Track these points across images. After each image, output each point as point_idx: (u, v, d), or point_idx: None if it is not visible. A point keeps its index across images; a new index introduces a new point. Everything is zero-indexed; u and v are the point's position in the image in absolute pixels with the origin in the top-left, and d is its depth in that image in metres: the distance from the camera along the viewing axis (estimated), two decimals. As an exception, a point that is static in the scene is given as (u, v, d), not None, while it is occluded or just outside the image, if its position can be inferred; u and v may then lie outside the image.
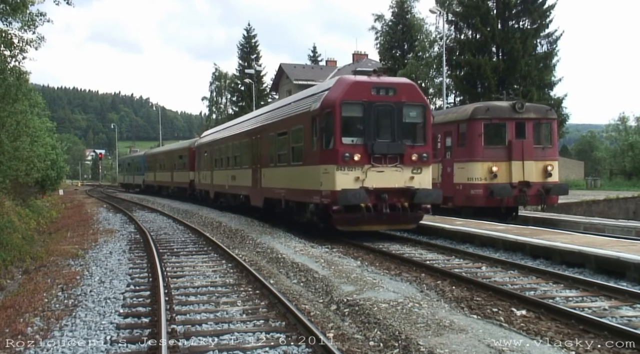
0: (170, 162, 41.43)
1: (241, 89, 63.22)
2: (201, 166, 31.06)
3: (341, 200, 13.81)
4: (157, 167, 46.80)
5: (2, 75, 16.50)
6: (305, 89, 20.79)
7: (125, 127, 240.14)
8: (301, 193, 16.07)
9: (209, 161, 28.82)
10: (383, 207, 14.17)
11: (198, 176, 31.92)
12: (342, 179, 14.12)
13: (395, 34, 50.80)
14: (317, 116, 14.83)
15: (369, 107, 14.45)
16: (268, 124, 19.57)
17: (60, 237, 19.56)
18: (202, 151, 31.06)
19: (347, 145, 14.29)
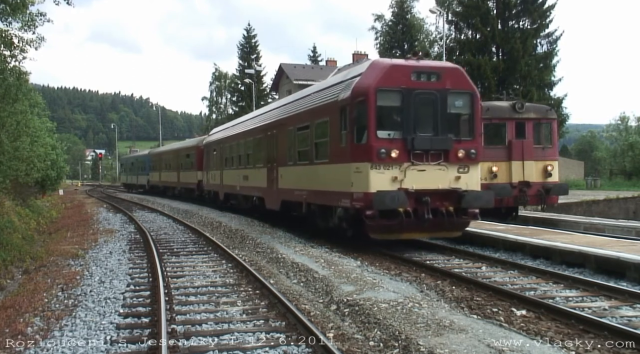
0: (176, 162, 39.49)
1: (241, 89, 63.23)
2: (210, 166, 29.20)
3: (377, 204, 11.98)
4: (162, 167, 44.75)
5: (2, 75, 16.50)
6: (331, 76, 19.32)
7: (125, 127, 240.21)
8: (327, 195, 14.26)
9: (219, 160, 27.09)
10: (425, 212, 12.32)
11: (206, 176, 30.08)
12: (377, 179, 12.29)
13: (395, 34, 50.85)
14: (347, 105, 12.96)
15: (409, 95, 12.53)
16: (286, 117, 17.66)
17: (60, 237, 19.56)
18: (210, 150, 29.22)
19: (382, 140, 12.41)
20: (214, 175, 28.01)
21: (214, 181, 28.00)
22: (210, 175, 29.14)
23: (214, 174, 28.23)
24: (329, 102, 14.17)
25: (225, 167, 25.57)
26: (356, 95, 12.72)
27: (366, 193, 12.27)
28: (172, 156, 41.46)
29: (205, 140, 31.68)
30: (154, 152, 51.69)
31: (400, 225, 12.32)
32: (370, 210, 12.20)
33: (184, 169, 37.09)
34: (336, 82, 14.79)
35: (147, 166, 50.76)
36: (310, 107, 15.64)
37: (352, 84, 13.05)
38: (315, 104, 15.34)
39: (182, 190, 37.90)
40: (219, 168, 26.80)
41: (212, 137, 30.12)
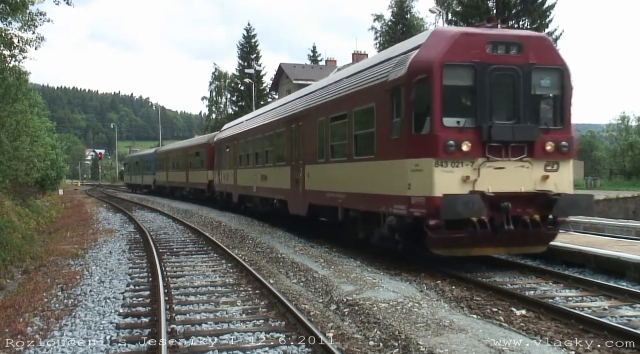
0: (185, 161, 36.83)
1: (241, 89, 63.22)
2: (222, 165, 26.77)
3: (446, 212, 9.46)
4: (170, 167, 41.96)
5: (2, 75, 16.51)
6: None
7: (125, 127, 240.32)
8: (372, 200, 11.73)
9: (232, 158, 24.67)
10: (504, 221, 9.78)
11: (218, 176, 27.63)
12: (444, 179, 9.76)
13: (395, 34, 50.82)
14: (402, 86, 10.40)
15: (483, 71, 9.98)
16: (315, 106, 15.12)
17: (60, 237, 19.56)
18: (223, 147, 26.71)
19: (451, 129, 9.86)
20: (227, 175, 25.78)
21: (227, 181, 25.78)
22: (222, 175, 26.81)
23: (226, 174, 25.92)
24: (375, 85, 11.58)
25: (240, 166, 23.18)
26: (415, 72, 10.15)
27: (430, 198, 9.75)
28: (180, 154, 38.75)
29: (217, 137, 29.07)
30: (161, 150, 48.33)
31: (473, 238, 9.87)
32: (434, 219, 9.70)
33: (193, 168, 34.61)
34: (381, 60, 12.25)
35: (154, 165, 48.02)
36: (347, 93, 13.07)
37: (409, 59, 10.44)
38: (354, 88, 12.77)
39: (192, 191, 35.56)
40: (233, 167, 24.50)
41: (225, 133, 27.57)
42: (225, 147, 26.27)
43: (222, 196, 27.28)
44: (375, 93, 11.61)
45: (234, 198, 24.50)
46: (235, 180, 24.11)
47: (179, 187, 39.02)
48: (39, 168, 28.40)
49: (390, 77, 10.91)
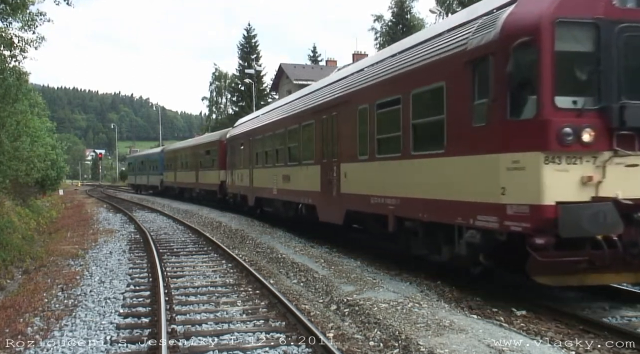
0: (194, 159, 34.35)
1: (241, 89, 63.20)
2: (235, 163, 24.37)
3: (567, 227, 7.04)
4: (178, 166, 39.22)
5: (2, 75, 16.51)
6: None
7: (125, 127, 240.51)
8: (441, 208, 9.11)
9: (247, 156, 22.16)
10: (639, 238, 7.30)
11: (231, 175, 25.25)
12: (558, 181, 7.20)
13: (395, 34, 50.82)
14: (492, 55, 7.88)
15: (609, 31, 7.33)
16: (354, 91, 12.45)
17: (60, 237, 19.56)
18: (236, 144, 24.23)
19: (566, 111, 7.29)
20: (241, 175, 23.19)
21: (241, 182, 23.19)
22: (236, 175, 24.28)
23: (240, 173, 23.37)
24: (445, 57, 9.03)
25: (257, 165, 20.60)
26: (513, 34, 7.56)
27: (537, 206, 7.19)
28: (189, 153, 36.22)
29: (230, 133, 26.68)
30: (169, 149, 45.14)
31: (595, 261, 7.28)
32: (544, 236, 7.17)
33: (203, 167, 32.10)
34: (451, 26, 9.58)
35: (161, 164, 45.20)
36: (401, 71, 10.43)
37: (500, 17, 7.91)
38: (411, 63, 10.10)
39: (202, 192, 32.95)
40: (248, 166, 21.97)
41: (238, 129, 25.16)
42: (239, 145, 23.77)
43: (236, 198, 24.91)
44: (445, 68, 9.01)
45: (249, 201, 22.00)
46: (250, 180, 21.63)
47: (187, 188, 36.65)
48: (39, 168, 28.39)
49: (471, 45, 8.33)
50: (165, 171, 43.44)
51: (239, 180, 23.74)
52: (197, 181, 33.43)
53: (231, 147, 25.51)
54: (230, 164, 25.60)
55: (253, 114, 25.97)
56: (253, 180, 21.33)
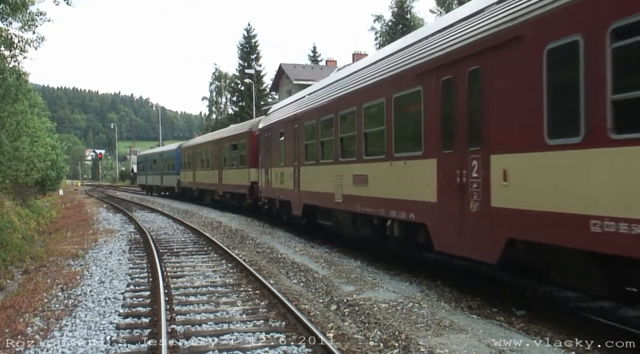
0: (217, 156, 28.94)
1: (241, 89, 63.20)
2: (272, 159, 19.10)
3: None
4: (197, 164, 33.71)
5: (2, 75, 16.52)
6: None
7: (125, 127, 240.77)
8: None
9: (291, 150, 16.80)
10: None
11: (265, 175, 20.01)
12: None
13: (396, 34, 50.84)
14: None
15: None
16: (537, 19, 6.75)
17: (60, 237, 19.56)
18: (273, 135, 19.06)
19: None
20: (280, 175, 17.98)
21: (281, 183, 17.93)
22: (272, 174, 19.01)
23: (279, 172, 18.16)
24: None
25: (307, 160, 15.36)
26: None
27: None
28: (211, 148, 30.68)
29: (264, 121, 21.16)
30: (187, 145, 38.85)
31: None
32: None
33: (229, 166, 26.83)
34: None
35: (177, 163, 39.49)
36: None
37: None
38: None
39: (227, 196, 27.37)
40: (292, 163, 16.66)
41: (276, 115, 19.62)
42: (277, 135, 18.56)
43: (272, 205, 19.61)
44: None
45: (293, 209, 16.68)
46: (296, 182, 16.26)
47: (208, 190, 31.26)
48: (39, 168, 28.43)
49: None
50: (183, 170, 37.82)
51: (277, 181, 18.35)
52: (220, 181, 28.03)
53: (265, 139, 20.22)
54: (264, 160, 20.33)
55: (297, 95, 19.15)
56: (300, 181, 15.88)
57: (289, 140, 17.18)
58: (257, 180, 21.76)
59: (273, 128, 19.13)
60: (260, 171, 21.02)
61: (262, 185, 20.58)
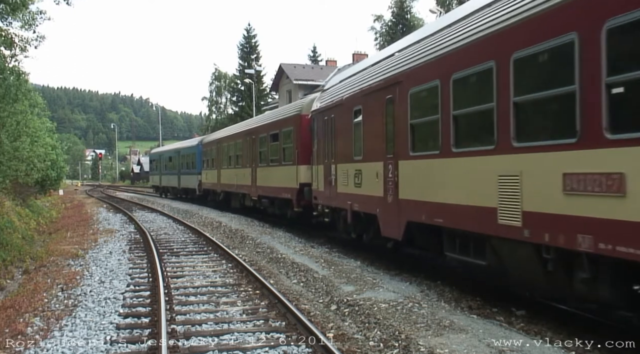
0: (250, 151, 22.56)
1: (241, 89, 63.22)
2: (339, 151, 13.52)
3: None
4: (222, 162, 27.78)
5: (2, 75, 16.52)
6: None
7: (125, 127, 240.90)
8: None
9: (377, 135, 11.22)
10: None
11: (324, 175, 14.48)
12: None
13: (395, 34, 50.82)
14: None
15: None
16: None
17: (60, 237, 19.56)
18: (339, 116, 13.48)
19: None
20: (357, 174, 12.30)
21: (357, 187, 12.29)
22: (340, 174, 13.36)
23: (353, 171, 12.50)
24: None
25: (414, 151, 9.72)
26: None
27: None
28: (242, 140, 24.21)
29: (320, 100, 15.40)
30: (210, 139, 32.57)
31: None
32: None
33: (266, 162, 20.40)
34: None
35: (198, 160, 33.60)
36: None
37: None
38: None
39: (264, 201, 20.74)
40: (380, 156, 11.01)
41: (341, 88, 13.92)
42: (347, 115, 12.75)
43: (337, 217, 14.00)
44: None
45: (382, 227, 10.96)
46: (391, 186, 10.52)
47: (237, 194, 24.95)
48: (39, 168, 28.41)
49: None
50: (205, 168, 31.89)
51: (348, 183, 12.70)
52: (254, 182, 21.72)
53: (324, 123, 14.44)
54: (322, 153, 14.66)
55: (384, 52, 13.09)
56: (400, 184, 10.10)
57: (373, 120, 11.26)
58: (309, 181, 16.12)
59: (340, 106, 13.25)
60: (315, 169, 15.40)
61: (319, 188, 14.94)
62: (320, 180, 14.95)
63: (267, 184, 20.25)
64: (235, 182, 24.79)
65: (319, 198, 15.14)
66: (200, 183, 32.73)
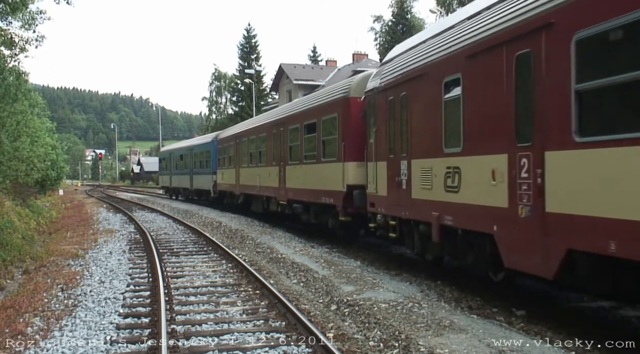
0: (277, 145, 18.93)
1: (241, 89, 63.22)
2: (414, 142, 10.03)
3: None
4: (242, 159, 24.20)
5: (2, 75, 16.52)
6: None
7: (125, 127, 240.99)
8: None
9: (497, 113, 7.53)
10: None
11: (390, 175, 11.01)
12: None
13: (395, 34, 50.84)
14: None
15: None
16: None
17: (60, 237, 19.56)
18: (415, 93, 9.96)
19: None
20: (450, 173, 8.76)
21: (453, 191, 8.64)
22: (417, 173, 9.91)
23: (430, 169, 9.43)
24: None
25: (586, 131, 5.95)
26: None
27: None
28: (266, 134, 20.43)
29: (379, 77, 11.88)
30: (227, 134, 28.75)
31: None
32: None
33: (299, 159, 16.78)
34: None
35: (213, 158, 30.29)
36: None
37: None
38: None
39: (297, 207, 16.90)
40: (503, 146, 7.40)
41: (415, 54, 10.27)
42: (432, 85, 9.34)
43: (408, 232, 10.79)
44: None
45: (507, 255, 7.43)
46: (537, 191, 6.68)
47: (261, 196, 21.23)
48: (39, 168, 28.40)
49: None
50: (221, 167, 28.72)
51: (432, 185, 9.37)
52: (282, 184, 18.17)
53: (390, 106, 11.00)
54: (384, 146, 11.34)
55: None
56: (552, 188, 6.47)
57: (486, 91, 7.88)
58: (360, 182, 12.87)
59: (418, 79, 9.77)
60: (372, 167, 11.91)
61: (378, 192, 11.59)
62: (380, 181, 11.44)
63: (300, 186, 16.55)
64: (258, 183, 21.17)
65: (379, 205, 11.60)
66: (216, 184, 29.44)
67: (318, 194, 14.94)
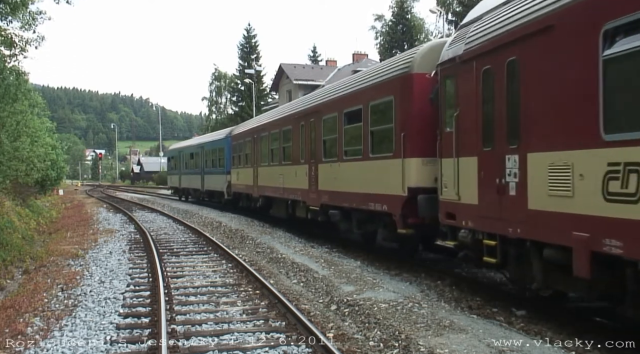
0: (306, 139, 15.92)
1: (241, 89, 63.22)
2: (517, 127, 7.27)
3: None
4: (261, 157, 21.14)
5: (2, 75, 16.52)
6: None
7: (125, 127, 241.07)
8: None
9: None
10: None
11: (477, 170, 8.20)
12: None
13: (396, 34, 50.87)
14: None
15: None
16: None
17: (60, 237, 19.56)
18: (512, 64, 7.35)
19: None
20: (606, 171, 5.71)
21: (600, 199, 5.78)
22: (540, 172, 6.81)
23: (569, 166, 6.27)
24: None
25: None
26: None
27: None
28: (292, 127, 17.36)
29: (460, 39, 8.87)
30: (243, 129, 25.41)
31: None
32: None
33: (336, 155, 13.77)
34: None
35: (227, 157, 27.45)
36: None
37: None
38: None
39: (334, 214, 13.81)
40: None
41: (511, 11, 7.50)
42: (572, 43, 6.27)
43: (522, 259, 7.58)
44: None
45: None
46: None
47: (284, 200, 18.22)
48: (39, 168, 28.39)
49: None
50: (235, 166, 25.64)
51: (573, 191, 6.24)
52: (314, 185, 15.14)
53: (487, 77, 8.03)
54: (473, 135, 8.39)
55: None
56: None
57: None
58: (427, 184, 10.07)
59: (543, 33, 6.78)
60: (451, 165, 9.01)
61: (462, 199, 8.70)
62: (465, 184, 8.61)
63: (339, 189, 13.47)
64: (281, 184, 18.15)
65: (464, 217, 8.64)
66: (230, 185, 26.29)
67: (364, 198, 11.99)
